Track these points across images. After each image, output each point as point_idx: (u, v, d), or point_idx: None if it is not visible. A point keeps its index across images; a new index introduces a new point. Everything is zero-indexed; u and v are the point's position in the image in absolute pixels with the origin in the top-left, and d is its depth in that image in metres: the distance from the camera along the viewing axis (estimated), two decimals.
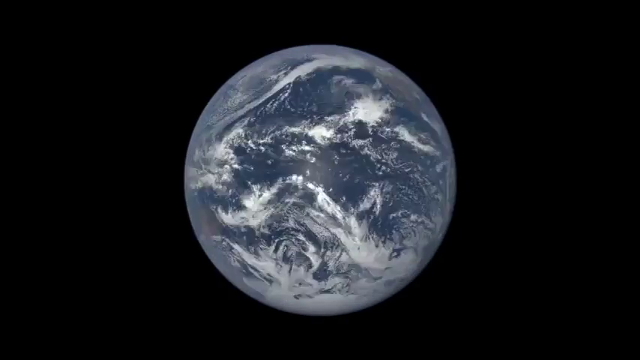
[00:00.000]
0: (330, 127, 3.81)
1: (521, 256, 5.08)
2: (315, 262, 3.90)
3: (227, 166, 3.94)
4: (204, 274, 4.76)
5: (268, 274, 4.03)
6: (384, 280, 4.11)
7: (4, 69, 5.08)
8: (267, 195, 3.81)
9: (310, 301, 4.14)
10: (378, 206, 3.82)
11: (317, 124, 3.82)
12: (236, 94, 4.13)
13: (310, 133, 3.81)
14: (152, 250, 5.10)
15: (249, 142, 3.88)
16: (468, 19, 5.19)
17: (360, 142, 3.82)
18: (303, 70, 4.04)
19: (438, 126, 4.25)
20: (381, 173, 3.84)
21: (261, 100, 3.97)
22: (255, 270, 4.06)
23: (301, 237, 3.85)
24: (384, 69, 4.24)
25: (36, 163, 5.10)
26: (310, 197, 3.79)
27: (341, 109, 3.86)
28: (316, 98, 3.89)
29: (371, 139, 3.85)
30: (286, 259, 3.92)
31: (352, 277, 3.99)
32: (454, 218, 4.56)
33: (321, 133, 3.80)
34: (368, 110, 3.90)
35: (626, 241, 4.99)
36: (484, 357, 4.95)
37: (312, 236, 3.84)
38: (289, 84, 3.96)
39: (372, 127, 3.87)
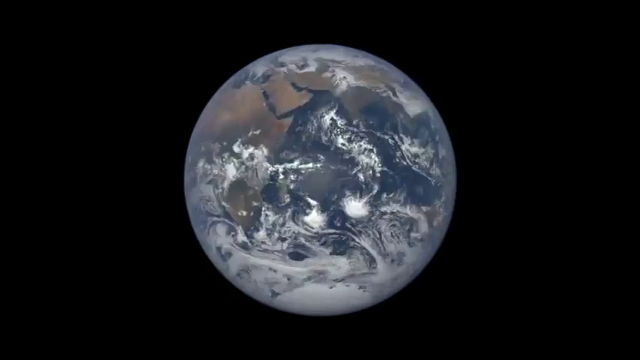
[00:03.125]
0: None
1: (521, 255, 5.08)
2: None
3: None
4: (204, 273, 4.78)
5: None
6: None
7: (4, 69, 5.09)
8: None
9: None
10: None
11: None
12: None
13: None
14: (152, 250, 5.11)
15: None
16: (467, 19, 5.20)
17: None
18: None
19: None
20: None
21: None
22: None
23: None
24: None
25: (36, 163, 5.11)
26: None
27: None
28: None
29: None
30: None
31: None
32: (454, 218, 4.57)
33: None
34: None
35: (626, 238, 4.99)
36: (484, 357, 4.97)
37: None
38: None
39: None
